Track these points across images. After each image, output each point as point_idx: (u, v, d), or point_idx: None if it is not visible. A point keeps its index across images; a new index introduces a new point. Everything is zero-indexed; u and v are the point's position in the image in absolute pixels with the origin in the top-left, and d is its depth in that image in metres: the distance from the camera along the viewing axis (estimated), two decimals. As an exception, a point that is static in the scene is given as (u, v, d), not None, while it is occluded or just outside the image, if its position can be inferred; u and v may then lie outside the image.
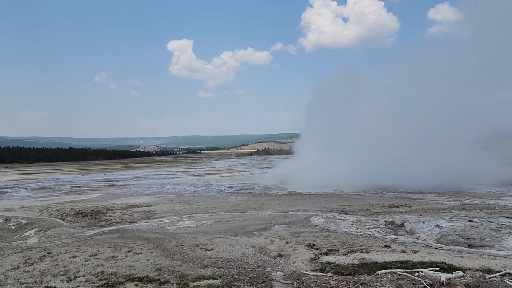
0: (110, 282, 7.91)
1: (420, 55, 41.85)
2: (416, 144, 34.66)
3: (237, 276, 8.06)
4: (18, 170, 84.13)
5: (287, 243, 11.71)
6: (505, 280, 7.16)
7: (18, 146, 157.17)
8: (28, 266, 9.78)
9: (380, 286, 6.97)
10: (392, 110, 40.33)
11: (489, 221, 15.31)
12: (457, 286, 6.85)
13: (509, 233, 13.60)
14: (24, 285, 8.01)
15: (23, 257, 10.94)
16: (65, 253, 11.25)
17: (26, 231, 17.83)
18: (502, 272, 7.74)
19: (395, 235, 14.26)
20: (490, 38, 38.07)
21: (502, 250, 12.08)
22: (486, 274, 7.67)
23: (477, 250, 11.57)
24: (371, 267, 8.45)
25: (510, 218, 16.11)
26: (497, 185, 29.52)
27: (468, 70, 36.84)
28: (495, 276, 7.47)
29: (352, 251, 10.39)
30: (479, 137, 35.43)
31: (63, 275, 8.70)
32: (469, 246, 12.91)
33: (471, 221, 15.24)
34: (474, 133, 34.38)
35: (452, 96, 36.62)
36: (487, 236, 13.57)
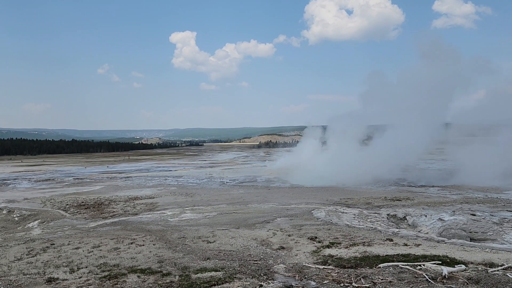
0: (112, 274, 7.96)
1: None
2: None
3: (239, 269, 8.09)
4: (21, 161, 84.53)
5: (289, 235, 11.73)
6: (507, 274, 7.15)
7: (21, 138, 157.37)
8: (31, 257, 9.85)
9: (382, 279, 6.97)
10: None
11: (492, 215, 15.30)
12: (459, 280, 6.84)
13: (511, 227, 13.58)
14: (27, 276, 8.07)
15: (26, 248, 11.02)
16: (68, 244, 11.32)
17: (29, 223, 17.94)
18: (505, 266, 7.74)
19: (397, 228, 14.25)
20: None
21: (504, 244, 12.06)
22: (488, 268, 7.66)
23: (479, 243, 11.55)
24: (373, 260, 8.46)
25: (513, 212, 16.07)
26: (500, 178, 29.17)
27: None
28: (497, 270, 7.47)
29: (354, 244, 10.39)
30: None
31: (66, 266, 8.76)
32: (472, 239, 12.90)
33: (474, 215, 15.23)
34: None
35: None
36: (489, 230, 13.55)
